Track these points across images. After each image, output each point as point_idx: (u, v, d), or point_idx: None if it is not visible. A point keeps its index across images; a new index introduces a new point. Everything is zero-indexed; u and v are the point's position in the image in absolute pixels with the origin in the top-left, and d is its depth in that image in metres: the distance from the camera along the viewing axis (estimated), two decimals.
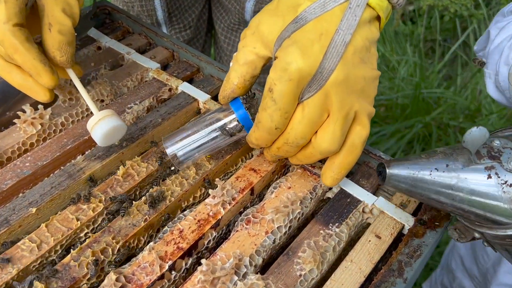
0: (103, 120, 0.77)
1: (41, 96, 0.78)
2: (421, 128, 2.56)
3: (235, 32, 1.54)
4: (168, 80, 0.98)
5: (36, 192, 0.77)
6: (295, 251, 0.72)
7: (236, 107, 0.76)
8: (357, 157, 0.73)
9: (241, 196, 0.78)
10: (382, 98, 2.76)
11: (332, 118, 0.68)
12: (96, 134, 0.77)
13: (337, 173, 0.74)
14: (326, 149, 0.70)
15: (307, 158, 0.74)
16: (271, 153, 0.77)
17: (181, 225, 0.73)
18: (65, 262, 0.68)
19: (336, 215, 0.77)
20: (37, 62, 0.74)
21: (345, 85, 0.66)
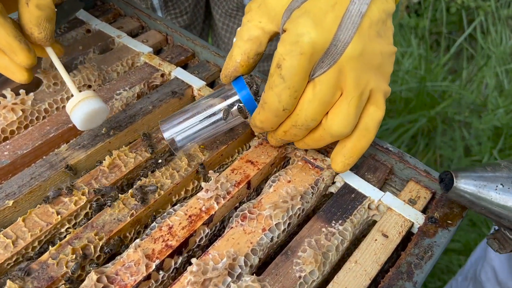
0: (83, 102, 0.70)
1: (17, 76, 0.72)
2: (425, 123, 2.50)
3: (234, 19, 1.47)
4: (161, 65, 0.92)
5: (14, 183, 0.71)
6: (295, 251, 0.66)
7: (239, 87, 0.69)
8: (370, 141, 0.67)
9: (237, 190, 0.72)
10: None
11: (346, 97, 0.62)
12: (75, 117, 0.71)
13: (348, 158, 0.68)
14: (338, 132, 0.64)
15: (316, 141, 0.68)
16: (276, 138, 0.70)
17: (171, 221, 0.67)
18: (43, 260, 0.62)
19: (340, 211, 0.71)
20: (12, 39, 0.67)
21: (361, 60, 0.60)
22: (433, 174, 0.75)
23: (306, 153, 0.78)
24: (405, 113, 2.53)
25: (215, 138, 0.80)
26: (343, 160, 0.69)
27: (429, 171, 0.75)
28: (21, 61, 0.69)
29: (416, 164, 0.76)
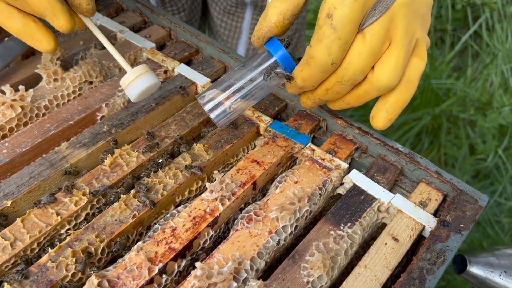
0: (139, 78, 0.71)
1: (44, 45, 0.70)
2: (430, 120, 2.47)
3: (232, 16, 1.45)
4: (164, 61, 0.90)
5: (12, 183, 0.69)
6: (302, 254, 0.63)
7: (274, 48, 0.66)
8: (412, 94, 0.65)
9: (242, 190, 0.70)
10: None
11: (395, 47, 0.60)
12: (131, 93, 0.72)
13: (391, 113, 0.66)
14: (386, 84, 0.62)
15: (359, 98, 0.66)
16: (315, 98, 0.68)
17: (174, 223, 0.65)
18: (42, 262, 0.60)
19: (349, 214, 0.68)
20: (55, 1, 0.65)
21: (412, 8, 0.60)
22: (444, 175, 0.73)
23: (314, 153, 0.75)
24: (409, 111, 2.50)
25: (220, 137, 0.78)
26: (385, 115, 0.66)
27: (440, 173, 0.73)
28: (62, 24, 0.66)
29: (427, 165, 0.74)
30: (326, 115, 0.81)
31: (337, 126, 0.80)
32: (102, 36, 0.74)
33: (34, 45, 0.71)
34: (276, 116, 0.85)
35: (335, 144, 0.78)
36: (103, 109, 0.80)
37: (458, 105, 2.58)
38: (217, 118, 0.71)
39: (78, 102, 0.80)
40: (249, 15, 1.44)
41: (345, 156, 0.76)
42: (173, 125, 0.79)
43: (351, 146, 0.78)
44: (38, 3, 0.65)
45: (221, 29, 1.49)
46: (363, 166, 0.79)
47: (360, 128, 0.78)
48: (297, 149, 0.77)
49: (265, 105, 0.85)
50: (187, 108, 0.83)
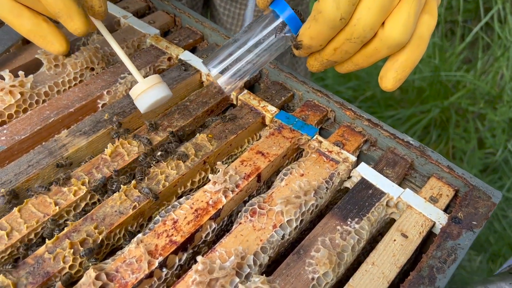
0: (150, 90, 0.68)
1: (56, 47, 0.67)
2: (438, 113, 2.43)
3: (235, 3, 1.41)
4: (168, 48, 0.87)
5: (10, 171, 0.67)
6: (307, 250, 0.61)
7: (280, 8, 0.63)
8: (423, 52, 0.63)
9: (246, 183, 0.68)
10: None
11: (406, 2, 0.58)
12: (140, 105, 0.69)
13: (401, 73, 0.63)
14: (397, 40, 0.59)
15: (367, 58, 0.63)
16: (322, 59, 0.65)
17: (176, 215, 0.63)
18: (39, 254, 0.58)
19: (356, 208, 0.66)
20: (71, 2, 0.62)
21: None
22: (456, 170, 0.70)
23: (321, 145, 0.73)
24: (418, 103, 2.47)
25: (225, 127, 0.75)
26: (395, 75, 0.64)
27: (452, 167, 0.70)
28: (77, 27, 0.64)
29: (438, 159, 0.71)
30: (334, 106, 0.78)
31: (345, 117, 0.77)
32: (113, 40, 0.71)
33: (45, 46, 0.68)
34: (282, 106, 0.82)
35: (343, 136, 0.76)
36: (105, 97, 0.78)
37: (467, 98, 2.54)
38: (224, 84, 0.68)
39: (79, 89, 0.78)
40: (252, 2, 1.41)
41: (353, 149, 0.74)
42: (176, 114, 0.77)
43: (360, 138, 0.75)
44: (53, 4, 0.62)
45: (224, 17, 1.46)
46: (372, 159, 0.76)
47: (369, 120, 0.75)
48: (304, 141, 0.74)
49: (271, 94, 0.82)
50: (190, 97, 0.80)
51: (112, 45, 0.71)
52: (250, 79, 0.84)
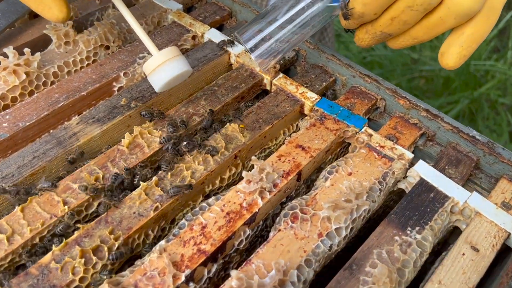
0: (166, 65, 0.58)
1: (54, 12, 0.59)
2: (467, 104, 2.31)
3: None
4: (192, 25, 0.77)
5: (13, 163, 0.57)
6: (361, 265, 0.51)
7: None
8: (492, 26, 0.55)
9: (285, 182, 0.58)
10: (423, 69, 2.50)
11: None
12: (155, 82, 0.59)
13: (467, 48, 0.55)
14: (467, 9, 0.51)
15: (429, 30, 0.55)
16: (375, 31, 0.57)
17: (204, 219, 0.54)
18: (44, 262, 0.49)
19: (416, 215, 0.56)
20: None
21: None
22: None
23: (371, 139, 0.63)
24: (445, 94, 2.34)
25: (258, 116, 0.65)
26: (459, 51, 0.55)
27: None
28: None
29: (511, 157, 0.61)
30: (385, 93, 0.68)
31: (398, 106, 0.67)
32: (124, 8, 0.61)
33: (42, 11, 0.60)
34: (324, 93, 0.72)
35: (396, 128, 0.65)
36: (121, 79, 0.69)
37: (497, 89, 2.40)
38: (260, 58, 0.58)
39: (92, 69, 0.69)
40: None
41: (408, 144, 0.63)
42: (202, 100, 0.67)
43: (416, 131, 0.65)
44: None
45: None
46: (429, 156, 0.66)
47: (427, 110, 0.65)
48: (351, 134, 0.64)
49: (310, 79, 0.72)
50: (218, 81, 0.70)
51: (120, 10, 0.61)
52: (285, 61, 0.74)
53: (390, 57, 2.56)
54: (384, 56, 2.57)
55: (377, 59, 2.58)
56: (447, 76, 2.45)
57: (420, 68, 2.51)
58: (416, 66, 2.55)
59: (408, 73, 2.50)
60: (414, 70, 2.54)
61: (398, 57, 2.55)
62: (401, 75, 2.46)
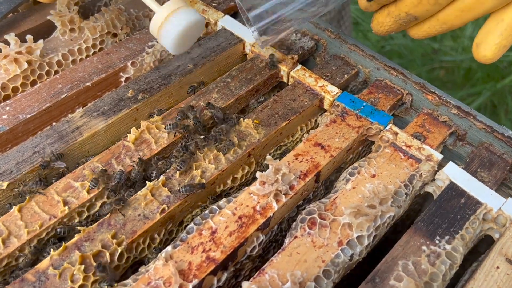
0: (173, 17, 0.53)
1: None
2: (489, 97, 2.23)
3: None
4: (205, 11, 0.72)
5: (11, 158, 0.54)
6: (385, 278, 0.47)
7: None
8: None
9: (303, 183, 0.54)
10: (444, 60, 2.42)
11: None
12: (166, 39, 0.54)
13: (507, 37, 0.49)
14: None
15: (462, 13, 0.49)
16: (399, 12, 0.50)
17: (214, 223, 0.49)
18: (41, 268, 0.46)
19: (446, 223, 0.51)
20: None
21: None
22: None
23: (396, 138, 0.58)
24: (467, 86, 2.26)
25: (274, 111, 0.61)
26: (498, 41, 0.49)
27: None
28: None
29: None
30: (412, 88, 0.62)
31: (426, 102, 0.62)
32: None
33: None
34: (345, 86, 0.67)
35: (423, 126, 0.60)
36: (129, 69, 0.65)
37: None
38: (261, 32, 0.53)
39: (98, 58, 0.65)
40: None
41: (437, 143, 0.58)
42: (214, 93, 0.62)
43: (445, 130, 0.60)
44: None
45: None
46: (458, 157, 0.61)
47: (459, 107, 0.60)
48: (374, 131, 0.59)
49: (331, 71, 0.67)
50: (232, 72, 0.66)
51: None
52: (304, 51, 0.69)
53: (410, 47, 2.48)
54: (404, 45, 2.49)
55: (396, 48, 2.50)
56: (469, 67, 2.37)
57: (441, 59, 2.43)
58: (436, 56, 2.47)
59: (428, 64, 2.42)
60: (434, 60, 2.46)
61: (418, 47, 2.47)
62: (421, 65, 2.39)
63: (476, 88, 2.28)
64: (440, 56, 2.46)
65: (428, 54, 2.47)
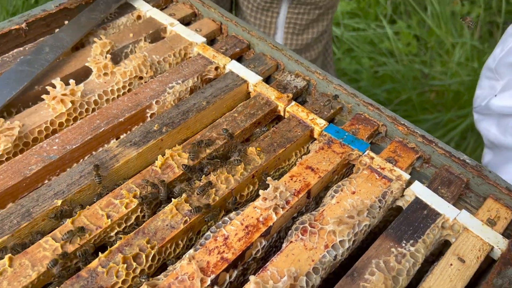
0: None
1: None
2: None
3: (266, 12, 1.41)
4: (215, 57, 0.86)
5: (62, 181, 0.67)
6: (361, 273, 0.60)
7: None
8: None
9: (296, 199, 0.67)
10: (434, 84, 2.57)
11: None
12: None
13: None
14: None
15: None
16: None
17: (226, 231, 0.62)
18: (92, 267, 0.59)
19: (411, 230, 0.64)
20: None
21: None
22: None
23: (373, 161, 0.71)
24: (455, 108, 2.40)
25: (273, 140, 0.74)
26: None
27: (511, 188, 0.68)
28: None
29: (496, 179, 0.68)
30: (386, 120, 0.76)
31: (397, 132, 0.75)
32: None
33: None
34: (331, 119, 0.80)
35: (395, 152, 0.74)
36: (154, 106, 0.78)
37: None
38: None
39: (128, 98, 0.78)
40: (284, 9, 1.41)
41: (406, 166, 0.72)
42: (224, 125, 0.76)
43: (413, 155, 0.73)
44: None
45: (256, 26, 1.46)
46: (425, 177, 0.74)
47: (423, 136, 0.73)
48: (355, 156, 0.72)
49: (319, 107, 0.80)
50: (238, 108, 0.79)
51: None
52: (297, 90, 0.83)
53: (402, 72, 2.63)
54: (396, 70, 2.64)
55: (389, 72, 2.65)
56: (457, 90, 2.52)
57: (431, 83, 2.58)
58: (426, 80, 2.62)
59: (419, 87, 2.57)
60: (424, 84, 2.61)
61: (409, 72, 2.63)
62: (412, 89, 2.53)
63: (464, 110, 2.41)
64: (430, 81, 2.61)
65: (418, 78, 2.62)
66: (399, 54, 2.73)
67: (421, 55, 2.77)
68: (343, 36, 2.77)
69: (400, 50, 2.75)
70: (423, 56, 2.76)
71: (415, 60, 2.72)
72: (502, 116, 1.03)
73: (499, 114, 1.05)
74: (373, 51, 2.77)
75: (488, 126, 1.08)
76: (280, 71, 0.87)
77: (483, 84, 1.13)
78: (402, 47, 2.77)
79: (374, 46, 2.82)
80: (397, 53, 2.73)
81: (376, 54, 2.75)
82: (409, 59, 2.72)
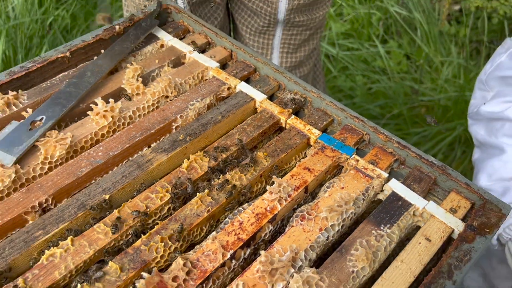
0: None
1: None
2: (463, 131, 2.54)
3: (264, 34, 1.57)
4: (227, 79, 1.03)
5: (108, 180, 0.84)
6: (348, 249, 0.76)
7: None
8: None
9: (296, 193, 0.83)
10: (424, 99, 2.74)
11: None
12: None
13: None
14: None
15: None
16: None
17: (241, 218, 0.79)
18: (136, 245, 0.75)
19: (388, 216, 0.80)
20: None
21: None
22: (472, 186, 0.84)
23: (358, 163, 0.88)
24: (443, 121, 2.58)
25: (276, 146, 0.91)
26: None
27: (469, 184, 0.84)
28: None
29: (457, 176, 0.85)
30: (369, 130, 0.93)
31: (378, 140, 0.92)
32: None
33: None
34: (324, 129, 0.97)
35: (376, 155, 0.90)
36: (178, 120, 0.95)
37: None
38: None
39: (157, 113, 0.95)
40: (279, 31, 1.57)
41: (385, 167, 0.88)
42: (236, 135, 0.93)
43: (391, 158, 0.90)
44: None
45: (254, 48, 1.62)
46: (401, 175, 0.90)
47: (399, 142, 0.90)
48: (343, 159, 0.89)
49: (314, 119, 0.97)
50: (247, 121, 0.96)
51: None
52: (296, 105, 1.00)
53: (394, 88, 2.82)
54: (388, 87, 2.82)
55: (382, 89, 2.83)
56: (445, 105, 2.70)
57: (420, 99, 2.75)
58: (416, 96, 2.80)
59: (410, 102, 2.74)
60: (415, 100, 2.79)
61: (400, 88, 2.81)
62: (403, 104, 2.71)
63: (451, 123, 2.59)
64: (420, 96, 2.79)
65: (409, 94, 2.80)
66: (391, 72, 2.91)
67: (411, 73, 2.96)
68: (338, 55, 2.96)
69: (392, 68, 2.94)
70: (413, 74, 2.95)
71: (406, 77, 2.91)
72: (489, 120, 1.23)
73: (487, 119, 1.24)
74: (367, 69, 2.96)
75: (478, 129, 1.28)
76: (282, 90, 1.05)
77: (476, 94, 1.34)
78: (393, 65, 2.96)
79: (367, 64, 3.01)
80: (389, 71, 2.91)
81: (369, 72, 2.93)
82: (401, 76, 2.91)
